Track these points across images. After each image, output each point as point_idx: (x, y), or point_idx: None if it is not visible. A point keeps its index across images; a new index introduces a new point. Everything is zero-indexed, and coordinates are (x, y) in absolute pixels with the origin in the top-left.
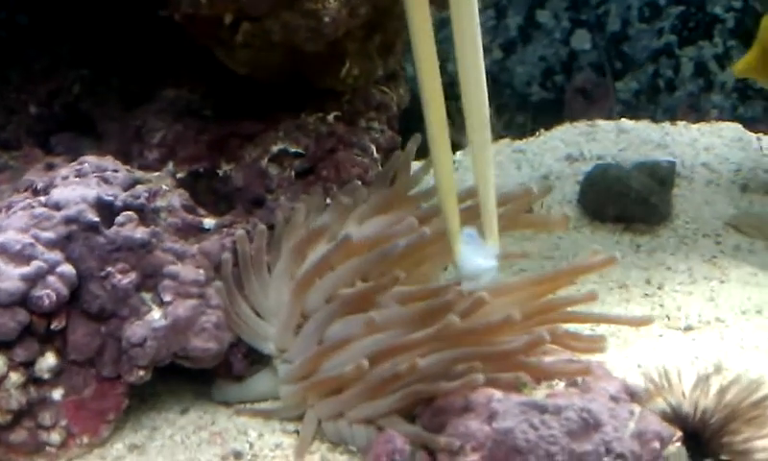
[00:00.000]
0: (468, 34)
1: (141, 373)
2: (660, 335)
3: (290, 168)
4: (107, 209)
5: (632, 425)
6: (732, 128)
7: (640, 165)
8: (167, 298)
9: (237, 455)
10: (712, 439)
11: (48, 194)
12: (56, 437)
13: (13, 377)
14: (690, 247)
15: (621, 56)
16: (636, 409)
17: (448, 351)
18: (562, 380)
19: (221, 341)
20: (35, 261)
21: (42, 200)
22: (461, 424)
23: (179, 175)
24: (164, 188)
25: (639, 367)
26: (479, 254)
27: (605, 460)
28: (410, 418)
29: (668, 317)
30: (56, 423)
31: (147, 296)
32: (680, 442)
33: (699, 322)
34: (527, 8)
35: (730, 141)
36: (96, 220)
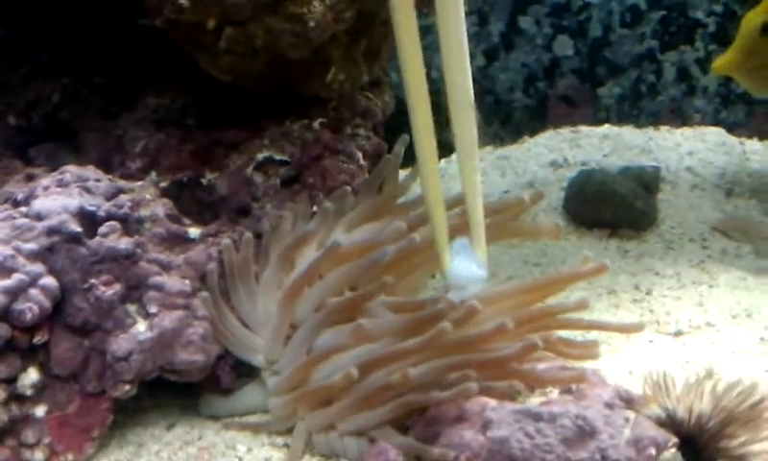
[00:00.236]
0: (455, 40)
1: (127, 387)
2: (651, 341)
3: (275, 176)
4: (89, 220)
5: (627, 432)
6: (715, 132)
7: (625, 170)
8: (152, 309)
9: None
10: (709, 443)
11: (29, 205)
12: (39, 455)
13: None
14: (677, 252)
15: (604, 61)
16: (631, 415)
17: (440, 360)
18: (556, 388)
19: (208, 353)
20: (16, 274)
21: (23, 210)
22: (455, 433)
23: (162, 184)
24: (148, 198)
25: (631, 373)
26: (468, 264)
27: None
28: (402, 429)
29: (658, 322)
30: (39, 440)
31: (132, 308)
32: (675, 448)
33: (689, 327)
34: (509, 14)
35: (713, 146)
36: (79, 230)
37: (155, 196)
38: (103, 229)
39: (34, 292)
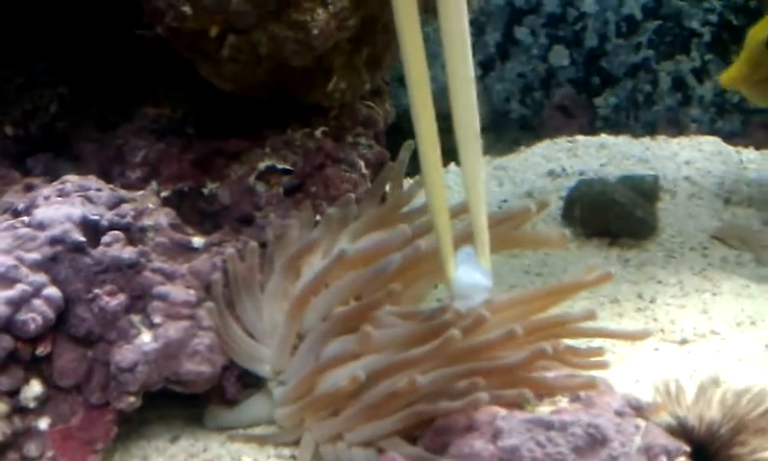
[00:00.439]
0: (459, 48)
1: (131, 399)
2: (656, 349)
3: (278, 185)
4: (92, 229)
5: (638, 440)
6: (712, 141)
7: (624, 179)
8: (157, 320)
9: None
10: (720, 451)
11: (31, 214)
12: None
13: None
14: (678, 260)
15: (600, 71)
16: (642, 423)
17: (449, 368)
18: (565, 396)
19: (214, 364)
20: (19, 284)
21: (26, 220)
22: (465, 443)
23: (162, 194)
24: (150, 207)
25: (637, 382)
26: (472, 273)
27: None
28: (411, 439)
29: (662, 331)
30: (42, 454)
31: (136, 318)
32: (686, 456)
33: (694, 335)
34: (504, 24)
35: (710, 155)
36: (82, 240)
37: (157, 205)
38: (106, 238)
39: (37, 303)
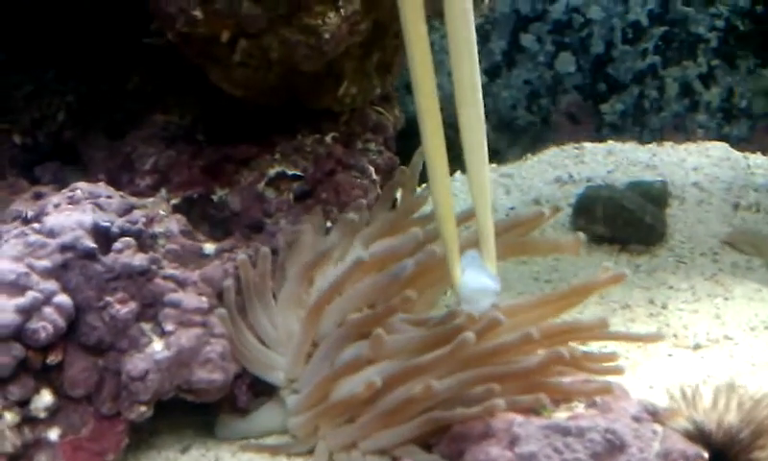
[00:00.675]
0: (466, 55)
1: (142, 409)
2: (670, 355)
3: (288, 191)
4: (103, 236)
5: (656, 445)
6: (719, 147)
7: (633, 185)
8: (169, 327)
9: None
10: (739, 455)
11: (41, 222)
12: None
13: (8, 418)
14: (689, 266)
15: (606, 78)
16: (659, 429)
17: (464, 373)
18: (581, 402)
19: (227, 372)
20: (29, 291)
21: (36, 227)
22: (481, 450)
23: (172, 201)
24: (161, 214)
25: (651, 387)
26: (479, 277)
27: None
28: (426, 446)
29: (676, 336)
30: None
31: (147, 326)
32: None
33: (707, 340)
34: (510, 31)
35: (718, 160)
36: (93, 247)
37: (167, 212)
38: (117, 245)
39: (48, 310)
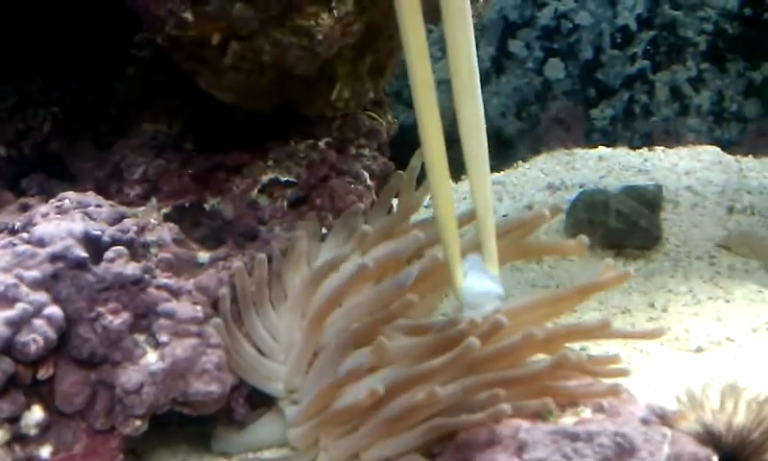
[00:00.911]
0: (464, 59)
1: (138, 423)
2: (672, 358)
3: (282, 198)
4: (94, 245)
5: (666, 449)
6: (711, 151)
7: (627, 190)
8: (163, 338)
9: None
10: (752, 457)
11: (29, 231)
12: None
13: None
14: (687, 269)
15: (595, 83)
16: (668, 432)
17: (468, 379)
18: (587, 406)
19: (223, 383)
20: (19, 303)
21: (25, 237)
22: (487, 458)
23: (163, 211)
24: (153, 222)
25: (655, 391)
26: (482, 280)
27: None
28: (429, 456)
29: (677, 339)
30: None
31: (141, 337)
32: None
33: (709, 342)
34: (499, 38)
35: (709, 164)
36: (84, 256)
37: (159, 220)
38: (109, 254)
39: (38, 323)
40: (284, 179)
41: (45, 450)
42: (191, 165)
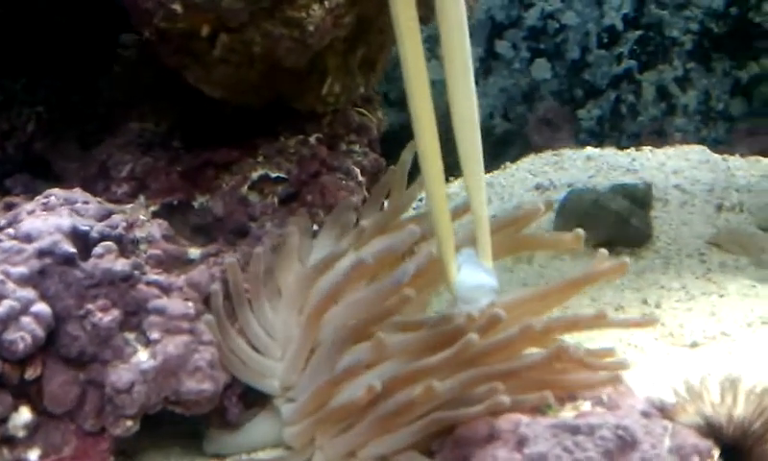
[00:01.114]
0: (459, 57)
1: (129, 423)
2: (667, 353)
3: (272, 194)
4: (82, 240)
5: (667, 441)
6: (698, 150)
7: (617, 188)
8: (154, 335)
9: None
10: (754, 447)
11: (15, 227)
12: None
13: None
14: (678, 266)
15: (582, 83)
16: (669, 424)
17: (465, 373)
18: (586, 400)
19: (216, 381)
20: (5, 300)
21: (11, 232)
22: (487, 454)
23: (151, 208)
24: (142, 218)
25: (653, 385)
26: (476, 274)
27: None
28: (428, 453)
29: (672, 335)
30: None
31: (131, 335)
32: (717, 454)
33: (704, 337)
34: (486, 39)
35: (697, 163)
36: (73, 251)
37: (148, 217)
38: (98, 249)
39: (25, 320)
40: (274, 175)
41: (33, 453)
42: (179, 163)
